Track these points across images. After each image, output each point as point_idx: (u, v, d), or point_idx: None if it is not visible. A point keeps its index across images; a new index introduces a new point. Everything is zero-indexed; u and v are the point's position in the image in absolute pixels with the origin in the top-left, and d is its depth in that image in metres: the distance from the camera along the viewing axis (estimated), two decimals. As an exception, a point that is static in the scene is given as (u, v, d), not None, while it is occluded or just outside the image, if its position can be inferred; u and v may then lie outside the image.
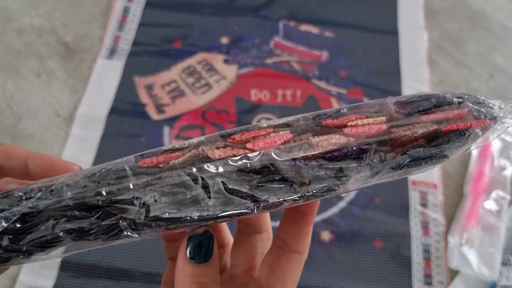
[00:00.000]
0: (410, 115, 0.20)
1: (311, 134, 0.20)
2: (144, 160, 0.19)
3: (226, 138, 0.20)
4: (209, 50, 0.62)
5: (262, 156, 0.19)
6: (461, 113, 0.20)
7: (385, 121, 0.20)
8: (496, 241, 0.48)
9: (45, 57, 0.61)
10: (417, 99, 0.20)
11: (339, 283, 0.47)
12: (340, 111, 0.21)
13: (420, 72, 0.61)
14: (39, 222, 0.19)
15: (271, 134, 0.20)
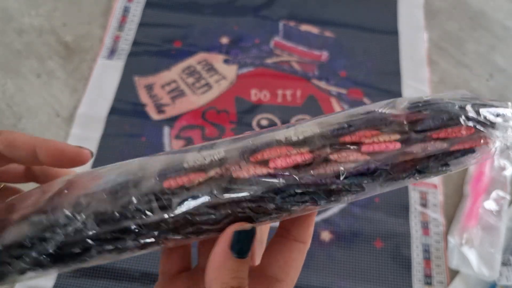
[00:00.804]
0: (421, 132, 0.22)
1: (329, 151, 0.21)
2: (169, 182, 0.20)
3: (248, 156, 0.21)
4: (209, 50, 0.62)
5: (285, 177, 0.20)
6: (468, 132, 0.21)
7: (398, 139, 0.21)
8: (496, 241, 0.48)
9: (45, 57, 0.61)
10: (428, 109, 0.22)
11: (339, 283, 0.47)
12: (354, 125, 0.22)
13: (420, 72, 0.61)
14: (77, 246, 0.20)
15: (291, 152, 0.21)
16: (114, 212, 0.20)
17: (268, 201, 0.21)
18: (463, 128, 0.21)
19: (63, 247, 0.20)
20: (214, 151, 0.21)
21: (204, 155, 0.21)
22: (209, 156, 0.21)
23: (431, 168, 0.22)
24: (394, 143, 0.21)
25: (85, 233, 0.20)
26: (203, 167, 0.21)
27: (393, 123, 0.22)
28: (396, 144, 0.21)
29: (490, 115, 0.22)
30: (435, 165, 0.22)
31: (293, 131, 0.22)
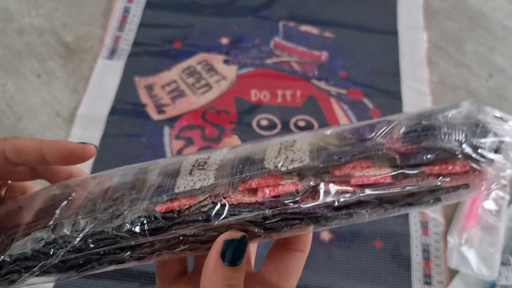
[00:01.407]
0: (414, 167, 0.21)
1: (319, 181, 0.21)
2: (161, 206, 0.21)
3: (238, 183, 0.21)
4: (209, 50, 0.62)
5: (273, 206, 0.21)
6: (463, 168, 0.21)
7: (389, 172, 0.21)
8: (496, 241, 0.48)
9: (45, 57, 0.61)
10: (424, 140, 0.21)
11: (339, 282, 0.47)
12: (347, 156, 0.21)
13: (420, 72, 0.61)
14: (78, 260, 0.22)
15: (281, 182, 0.21)
16: (109, 233, 0.21)
17: (256, 226, 0.21)
18: (457, 165, 0.21)
19: (66, 260, 0.22)
20: (205, 175, 0.22)
21: (195, 180, 0.22)
22: (199, 182, 0.22)
23: (422, 202, 0.21)
24: (384, 177, 0.21)
25: (84, 249, 0.21)
26: (194, 192, 0.21)
27: (385, 156, 0.21)
28: (387, 178, 0.21)
29: (488, 151, 0.21)
30: (426, 199, 0.21)
31: (284, 157, 0.22)
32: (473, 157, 0.21)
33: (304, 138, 0.23)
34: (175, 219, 0.21)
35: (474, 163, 0.21)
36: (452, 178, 0.21)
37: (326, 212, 0.21)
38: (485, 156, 0.21)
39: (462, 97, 0.60)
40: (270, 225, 0.21)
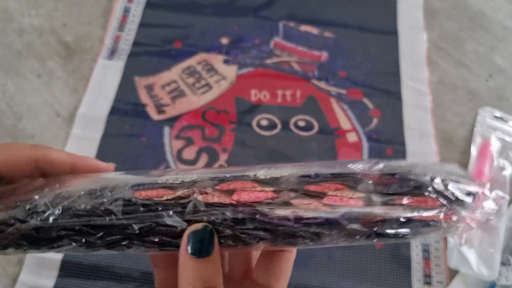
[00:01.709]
0: (385, 195, 0.22)
1: (293, 195, 0.22)
2: (140, 192, 0.22)
3: (216, 184, 0.22)
4: (209, 50, 0.62)
5: (245, 210, 0.21)
6: (433, 204, 0.21)
7: (361, 197, 0.22)
8: (496, 241, 0.48)
9: (45, 57, 0.61)
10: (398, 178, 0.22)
11: (338, 283, 0.47)
12: (324, 176, 0.22)
13: (420, 72, 0.61)
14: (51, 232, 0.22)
15: (256, 188, 0.22)
16: (85, 208, 0.22)
17: (226, 228, 0.22)
18: (427, 199, 0.21)
19: (39, 230, 0.22)
20: (188, 175, 0.23)
21: (178, 177, 0.23)
22: (181, 178, 0.23)
23: (389, 233, 0.22)
24: (356, 201, 0.21)
25: (59, 222, 0.22)
26: (174, 186, 0.22)
27: (360, 181, 0.22)
28: (358, 201, 0.21)
29: (459, 192, 0.22)
30: (393, 231, 0.22)
31: (264, 171, 0.23)
32: (444, 194, 0.21)
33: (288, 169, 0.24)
34: (151, 206, 0.22)
35: (444, 200, 0.21)
36: (421, 212, 0.21)
37: (296, 227, 0.22)
38: (456, 195, 0.22)
39: (462, 97, 0.60)
40: (240, 231, 0.22)
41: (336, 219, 0.21)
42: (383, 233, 0.22)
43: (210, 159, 0.54)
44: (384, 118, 0.57)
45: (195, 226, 0.21)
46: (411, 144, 0.55)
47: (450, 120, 0.58)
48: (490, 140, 0.55)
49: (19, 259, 0.47)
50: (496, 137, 0.55)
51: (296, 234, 0.22)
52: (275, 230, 0.22)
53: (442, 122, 0.58)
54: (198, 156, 0.54)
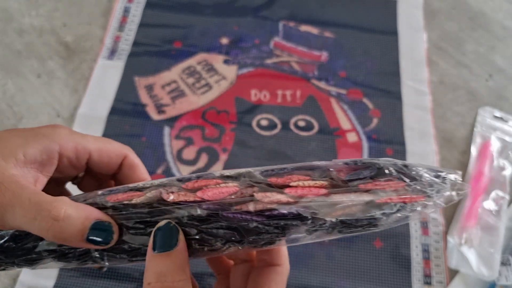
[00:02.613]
0: (350, 182, 0.21)
1: (256, 189, 0.22)
2: (111, 197, 0.23)
3: (181, 183, 0.23)
4: (209, 50, 0.62)
5: (209, 207, 0.22)
6: (397, 186, 0.21)
7: (326, 185, 0.21)
8: (496, 241, 0.48)
9: (45, 57, 0.61)
10: (361, 165, 0.22)
11: (338, 282, 0.47)
12: (285, 169, 0.22)
13: (420, 72, 0.61)
14: (27, 243, 0.23)
15: (221, 185, 0.22)
16: None
17: (191, 227, 0.22)
18: (391, 182, 0.21)
19: (16, 238, 0.23)
20: (161, 179, 0.23)
21: (150, 181, 0.24)
22: (150, 181, 0.23)
23: (357, 224, 0.21)
24: (318, 189, 0.21)
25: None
26: (143, 188, 0.23)
27: (323, 171, 0.22)
28: (321, 190, 0.21)
29: (426, 174, 0.21)
30: (359, 218, 0.21)
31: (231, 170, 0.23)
32: (409, 176, 0.21)
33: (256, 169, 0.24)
34: (122, 209, 0.22)
35: (409, 180, 0.21)
36: (385, 196, 0.21)
37: (259, 221, 0.21)
38: (421, 176, 0.21)
39: (462, 97, 0.60)
40: (205, 232, 0.22)
41: (299, 211, 0.21)
42: (348, 221, 0.21)
43: (210, 159, 0.54)
44: (384, 118, 0.57)
45: (159, 223, 0.22)
46: (411, 144, 0.55)
47: (450, 120, 0.58)
48: (490, 140, 0.55)
49: (19, 259, 0.47)
50: (496, 137, 0.55)
51: (260, 230, 0.22)
52: (239, 227, 0.22)
53: (442, 122, 0.58)
54: (198, 156, 0.54)
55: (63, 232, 0.21)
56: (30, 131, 0.24)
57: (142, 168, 0.28)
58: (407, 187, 0.21)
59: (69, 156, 0.25)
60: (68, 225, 0.21)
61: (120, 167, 0.27)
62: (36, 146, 0.23)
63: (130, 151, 0.28)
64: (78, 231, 0.21)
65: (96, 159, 0.26)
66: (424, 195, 0.21)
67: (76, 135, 0.26)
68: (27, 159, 0.23)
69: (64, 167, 0.25)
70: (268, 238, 0.22)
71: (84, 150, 0.26)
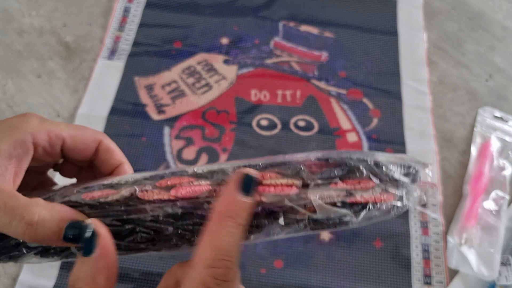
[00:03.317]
0: (321, 180, 0.22)
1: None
2: (87, 194, 0.23)
3: (155, 181, 0.23)
4: (209, 50, 0.62)
5: (184, 205, 0.22)
6: (368, 186, 0.21)
7: (297, 184, 0.22)
8: (496, 241, 0.48)
9: (45, 58, 0.61)
10: (332, 162, 0.22)
11: (339, 282, 0.47)
12: (257, 166, 0.23)
13: (420, 72, 0.61)
14: (10, 241, 0.24)
15: (194, 183, 0.22)
16: None
17: (168, 224, 0.22)
18: (362, 181, 0.21)
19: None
20: (134, 175, 0.24)
21: (124, 177, 0.24)
22: (125, 178, 0.24)
23: (329, 222, 0.22)
24: (290, 188, 0.22)
25: None
26: (118, 185, 0.23)
27: (294, 169, 0.22)
28: (293, 188, 0.22)
29: (396, 173, 0.22)
30: (331, 219, 0.22)
31: (204, 166, 0.23)
32: (378, 175, 0.22)
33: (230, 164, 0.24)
34: (97, 207, 0.23)
35: (379, 180, 0.21)
36: (355, 194, 0.22)
37: None
38: (391, 176, 0.22)
39: (462, 97, 0.60)
40: (182, 227, 0.22)
41: (270, 208, 0.22)
42: (319, 220, 0.22)
43: (210, 159, 0.54)
44: (384, 118, 0.57)
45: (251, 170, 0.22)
46: (411, 144, 0.55)
47: (450, 120, 0.58)
48: (490, 140, 0.55)
49: (19, 259, 0.47)
50: (496, 137, 0.55)
51: None
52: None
53: (442, 122, 0.58)
54: (198, 156, 0.54)
55: (38, 235, 0.21)
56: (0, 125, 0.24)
57: (118, 152, 0.28)
58: (377, 187, 0.22)
59: (43, 145, 0.25)
60: (43, 228, 0.21)
61: (96, 152, 0.28)
62: (8, 141, 0.23)
63: (104, 136, 0.28)
64: (53, 233, 0.22)
65: (71, 146, 0.26)
66: (394, 195, 0.22)
67: (48, 122, 0.25)
68: (1, 156, 0.23)
69: (40, 156, 0.25)
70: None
71: (57, 137, 0.25)
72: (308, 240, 0.49)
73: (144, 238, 0.23)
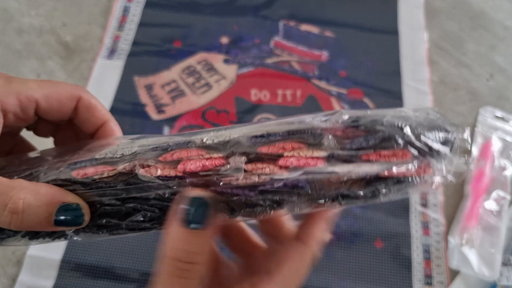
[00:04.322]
0: (349, 151, 0.19)
1: (245, 159, 0.19)
2: (78, 171, 0.20)
3: (159, 155, 0.20)
4: (209, 50, 0.62)
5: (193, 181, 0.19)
6: (404, 157, 0.19)
7: (324, 156, 0.19)
8: (497, 241, 0.47)
9: (45, 57, 0.61)
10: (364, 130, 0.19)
11: (339, 283, 0.47)
12: (277, 135, 0.19)
13: (420, 72, 0.61)
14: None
15: (204, 156, 0.19)
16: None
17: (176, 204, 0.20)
18: (397, 152, 0.19)
19: None
20: (129, 145, 0.21)
21: (118, 149, 0.21)
22: (121, 150, 0.21)
23: (358, 193, 0.19)
24: (316, 160, 0.19)
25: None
26: (114, 160, 0.20)
27: (319, 137, 0.19)
28: (319, 161, 0.19)
29: (434, 142, 0.19)
30: (362, 192, 0.19)
31: (212, 133, 0.20)
32: (416, 146, 0.19)
33: (240, 130, 0.21)
34: (92, 185, 0.20)
35: (417, 151, 0.19)
36: (391, 168, 0.19)
37: (251, 196, 0.19)
38: (429, 145, 0.19)
39: (463, 97, 0.59)
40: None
41: (295, 183, 0.19)
42: (350, 195, 0.19)
43: (210, 159, 0.54)
44: (385, 118, 0.57)
45: (192, 194, 0.19)
46: (412, 144, 0.55)
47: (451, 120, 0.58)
48: (491, 140, 0.55)
49: (18, 259, 0.47)
50: (497, 137, 0.55)
51: (253, 203, 0.20)
52: (230, 201, 0.20)
53: (442, 122, 0.57)
54: (198, 156, 0.54)
55: (26, 224, 0.19)
56: None
57: (101, 108, 0.25)
58: (413, 159, 0.19)
59: (13, 111, 0.22)
60: (30, 215, 0.19)
61: (76, 110, 0.24)
62: None
63: (83, 91, 0.24)
64: (43, 219, 0.19)
65: (45, 107, 0.23)
66: (433, 168, 0.19)
67: (15, 83, 0.22)
68: None
69: (11, 123, 0.23)
70: (263, 210, 0.20)
71: (29, 100, 0.22)
72: (308, 240, 0.49)
73: (149, 217, 0.20)
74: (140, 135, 0.24)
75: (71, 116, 0.25)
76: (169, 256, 0.19)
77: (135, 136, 0.23)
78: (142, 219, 0.20)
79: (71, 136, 0.27)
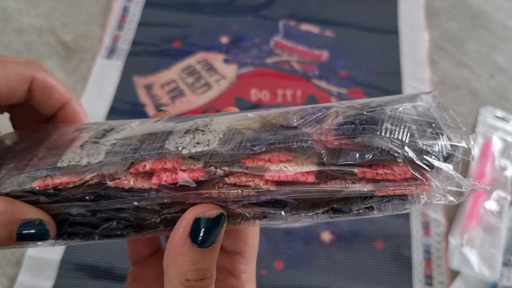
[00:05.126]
0: (343, 166, 0.17)
1: (226, 171, 0.18)
2: (39, 182, 0.18)
3: (129, 165, 0.18)
4: (209, 49, 0.62)
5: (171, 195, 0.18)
6: (402, 175, 0.17)
7: (313, 170, 0.17)
8: (497, 242, 0.47)
9: (44, 57, 0.61)
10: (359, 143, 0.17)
11: (339, 283, 0.47)
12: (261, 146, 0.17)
13: (421, 72, 0.61)
14: None
15: (180, 167, 0.18)
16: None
17: (152, 213, 0.19)
18: (396, 171, 0.17)
19: None
20: (95, 151, 0.19)
21: (82, 155, 0.19)
22: (86, 157, 0.19)
23: (350, 210, 0.18)
24: (306, 175, 0.17)
25: None
26: (79, 169, 0.18)
27: (310, 149, 0.17)
28: (309, 176, 0.17)
29: (436, 158, 0.17)
30: (355, 208, 0.18)
31: (190, 137, 0.18)
32: (416, 164, 0.17)
33: (224, 119, 0.20)
34: (57, 196, 0.18)
35: (416, 170, 0.17)
36: (388, 186, 0.17)
37: (234, 208, 0.18)
38: (430, 163, 0.17)
39: (464, 97, 0.59)
40: (170, 216, 0.18)
41: (281, 200, 0.18)
42: (341, 209, 0.18)
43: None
44: (385, 118, 0.57)
45: (206, 211, 0.18)
46: (412, 144, 0.55)
47: (451, 120, 0.58)
48: (492, 140, 0.54)
49: (17, 260, 0.47)
50: (498, 137, 0.55)
51: (236, 214, 0.18)
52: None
53: (443, 122, 0.57)
54: (197, 156, 0.54)
55: None
56: None
57: (60, 87, 0.22)
58: (413, 178, 0.17)
59: None
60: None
61: (31, 92, 0.22)
62: None
63: (37, 70, 0.22)
64: (4, 238, 0.18)
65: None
66: (432, 186, 0.17)
67: None
68: None
69: None
70: (247, 221, 0.19)
71: None
72: (308, 241, 0.49)
73: (123, 225, 0.19)
74: (103, 122, 0.22)
75: (26, 98, 0.22)
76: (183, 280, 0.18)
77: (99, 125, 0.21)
78: (117, 226, 0.19)
79: (30, 113, 0.24)
